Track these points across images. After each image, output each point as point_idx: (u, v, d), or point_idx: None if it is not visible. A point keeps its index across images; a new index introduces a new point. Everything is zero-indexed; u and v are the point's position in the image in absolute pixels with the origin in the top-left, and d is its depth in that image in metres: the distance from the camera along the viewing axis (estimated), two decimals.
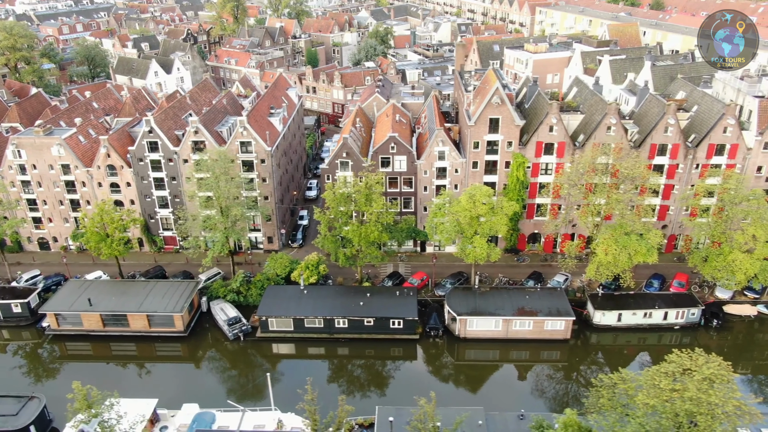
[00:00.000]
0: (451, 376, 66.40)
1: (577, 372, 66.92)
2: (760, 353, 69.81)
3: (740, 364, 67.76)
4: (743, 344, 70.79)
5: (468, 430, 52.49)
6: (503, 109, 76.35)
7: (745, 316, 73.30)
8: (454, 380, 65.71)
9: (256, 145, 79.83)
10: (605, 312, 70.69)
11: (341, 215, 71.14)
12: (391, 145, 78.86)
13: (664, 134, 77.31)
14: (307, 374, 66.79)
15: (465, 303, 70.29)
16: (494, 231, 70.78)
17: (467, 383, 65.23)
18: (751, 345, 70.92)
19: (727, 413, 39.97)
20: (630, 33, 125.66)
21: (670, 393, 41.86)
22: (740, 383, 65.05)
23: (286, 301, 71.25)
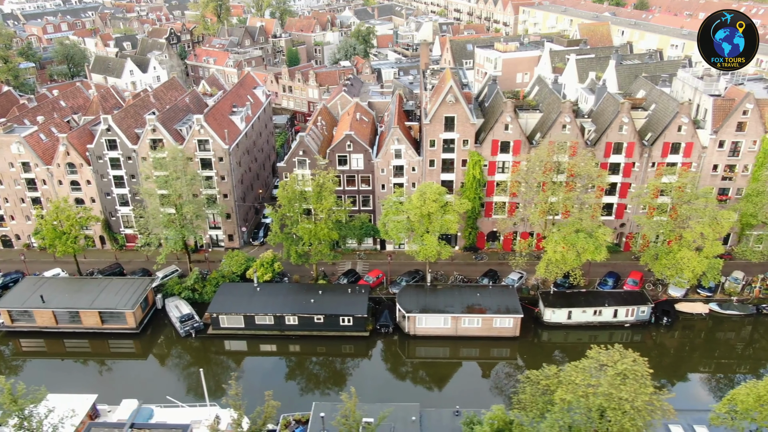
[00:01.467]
0: (397, 373, 66.72)
1: (524, 369, 67.04)
2: (706, 351, 70.10)
3: (686, 362, 68.21)
4: (691, 342, 71.05)
5: (401, 426, 52.88)
6: (458, 107, 76.62)
7: (696, 314, 73.50)
8: (398, 377, 66.03)
9: (213, 143, 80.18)
10: (555, 310, 70.96)
11: (293, 213, 71.43)
12: (348, 143, 79.16)
13: (619, 133, 77.54)
14: (257, 371, 67.88)
15: (416, 300, 70.57)
16: (445, 229, 71.06)
17: (411, 380, 65.55)
18: (698, 343, 71.16)
19: (636, 408, 40.15)
20: (601, 32, 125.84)
21: (585, 388, 42.10)
22: (681, 380, 65.63)
23: (238, 299, 71.59)
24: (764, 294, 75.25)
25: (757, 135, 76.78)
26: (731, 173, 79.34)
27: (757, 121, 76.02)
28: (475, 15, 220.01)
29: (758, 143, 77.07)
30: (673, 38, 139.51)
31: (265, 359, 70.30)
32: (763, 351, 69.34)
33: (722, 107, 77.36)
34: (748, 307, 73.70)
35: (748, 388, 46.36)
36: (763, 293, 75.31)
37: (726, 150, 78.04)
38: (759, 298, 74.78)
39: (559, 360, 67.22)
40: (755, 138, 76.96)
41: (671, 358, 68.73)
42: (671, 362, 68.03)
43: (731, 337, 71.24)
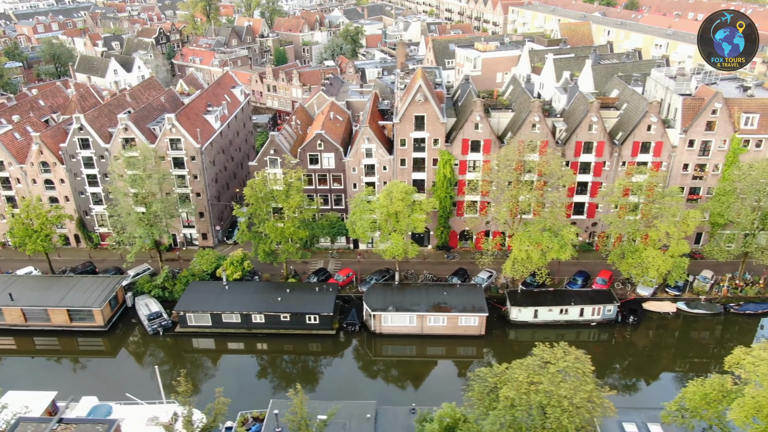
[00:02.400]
0: (360, 371, 67.03)
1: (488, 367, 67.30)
2: (670, 349, 70.21)
3: (649, 360, 68.32)
4: (656, 341, 71.14)
5: (355, 424, 53.14)
6: (427, 106, 76.83)
7: (664, 313, 73.61)
8: (362, 375, 66.32)
9: (185, 142, 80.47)
10: (521, 308, 71.14)
11: (261, 211, 71.67)
12: (318, 142, 79.42)
13: (589, 132, 77.69)
14: (223, 369, 68.23)
15: (382, 299, 70.80)
16: (412, 228, 71.29)
17: (374, 378, 65.84)
18: (663, 341, 71.24)
19: (575, 405, 40.34)
20: (582, 32, 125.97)
21: (528, 386, 42.33)
22: (642, 378, 65.77)
23: (206, 297, 71.92)
24: (732, 293, 75.33)
25: (727, 134, 76.86)
26: (702, 172, 79.47)
27: (726, 120, 76.10)
28: (465, 15, 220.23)
29: (728, 143, 77.21)
30: (657, 38, 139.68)
31: (231, 357, 70.62)
32: (725, 350, 69.11)
33: (691, 106, 77.47)
34: (716, 306, 73.82)
35: (696, 386, 46.52)
36: (732, 292, 75.39)
37: (696, 149, 78.14)
38: (727, 297, 74.85)
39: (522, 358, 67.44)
40: (725, 137, 77.05)
41: (635, 357, 68.92)
42: (635, 360, 68.28)
43: (696, 336, 71.42)
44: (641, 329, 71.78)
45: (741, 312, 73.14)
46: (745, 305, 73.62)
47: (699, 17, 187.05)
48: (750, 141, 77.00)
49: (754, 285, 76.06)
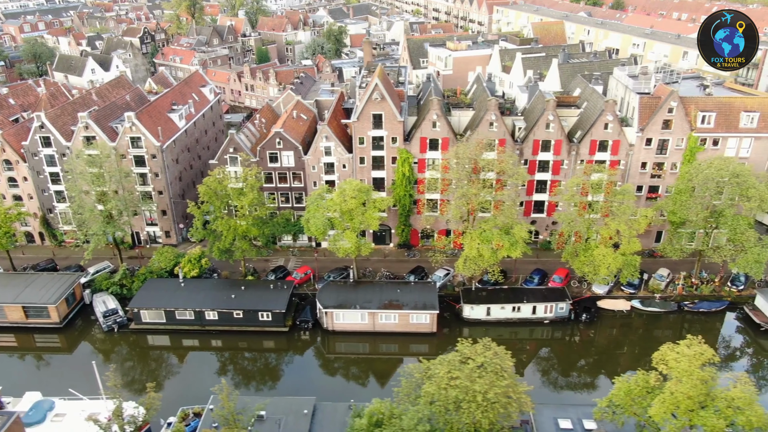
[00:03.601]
0: (309, 368, 67.28)
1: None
2: (617, 347, 70.37)
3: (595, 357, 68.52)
4: (605, 338, 71.28)
5: (292, 419, 53.48)
6: (384, 104, 77.13)
7: (618, 311, 73.77)
8: (310, 372, 66.56)
9: (145, 141, 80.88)
10: (474, 306, 71.37)
11: (215, 209, 72.02)
12: (277, 140, 79.77)
13: (547, 130, 77.88)
14: (175, 365, 68.54)
15: (335, 296, 71.11)
16: (366, 225, 71.55)
17: (322, 375, 66.12)
18: (612, 339, 71.37)
19: (489, 400, 40.62)
20: (555, 31, 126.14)
21: (448, 381, 42.64)
22: (585, 375, 65.93)
23: (161, 294, 72.33)
24: (688, 291, 75.45)
25: (684, 133, 76.99)
26: (660, 171, 79.60)
27: (683, 119, 76.24)
28: (452, 15, 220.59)
29: (685, 141, 77.34)
30: (635, 37, 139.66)
31: (184, 353, 70.94)
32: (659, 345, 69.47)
33: (648, 105, 77.62)
34: (670, 304, 73.96)
35: (621, 382, 46.81)
36: (687, 290, 75.51)
37: (653, 148, 78.30)
38: (682, 296, 74.98)
39: None
40: (682, 136, 77.19)
41: (583, 354, 69.29)
42: (582, 358, 68.66)
43: (647, 334, 71.44)
44: (594, 327, 71.95)
45: (695, 310, 73.26)
46: (699, 303, 73.76)
47: (683, 17, 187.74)
48: (707, 139, 77.17)
49: (710, 283, 76.17)
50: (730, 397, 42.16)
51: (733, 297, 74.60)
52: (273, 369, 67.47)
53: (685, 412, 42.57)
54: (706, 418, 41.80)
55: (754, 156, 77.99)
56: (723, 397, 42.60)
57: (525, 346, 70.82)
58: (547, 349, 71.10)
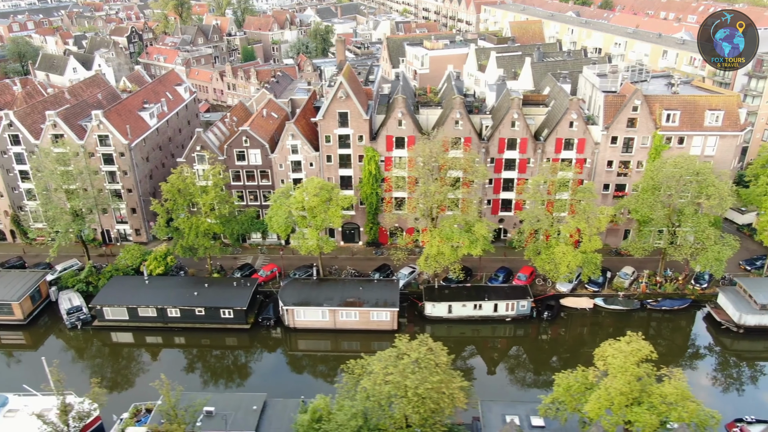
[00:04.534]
0: (268, 364, 67.73)
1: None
2: (576, 344, 70.34)
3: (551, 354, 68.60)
4: (564, 336, 71.34)
5: (242, 415, 53.74)
6: (349, 103, 77.33)
7: (581, 309, 73.89)
8: (269, 369, 66.97)
9: (113, 139, 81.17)
10: (435, 303, 71.53)
11: (178, 206, 72.26)
12: (244, 138, 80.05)
13: (512, 128, 78.01)
14: (134, 361, 68.88)
15: (297, 294, 71.37)
16: (328, 223, 71.74)
17: (277, 371, 66.33)
18: (571, 337, 71.39)
19: (419, 395, 40.78)
20: (533, 30, 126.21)
21: (383, 377, 42.82)
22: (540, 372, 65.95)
23: (125, 291, 72.63)
24: (652, 289, 75.53)
25: (648, 131, 77.11)
26: (626, 169, 79.68)
27: (647, 117, 76.35)
28: (441, 14, 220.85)
29: (650, 139, 77.42)
30: (617, 36, 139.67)
31: (146, 350, 71.09)
32: None
33: (613, 103, 77.75)
34: (633, 302, 74.07)
35: (561, 378, 46.95)
36: (651, 288, 75.59)
37: (619, 146, 78.41)
38: (646, 294, 75.06)
39: None
40: (646, 134, 77.29)
41: (541, 351, 69.45)
42: (539, 355, 68.81)
43: (606, 332, 71.23)
44: (555, 325, 72.07)
45: (657, 308, 73.35)
46: (662, 301, 73.85)
47: (670, 17, 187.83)
48: (672, 138, 77.25)
49: (674, 282, 76.24)
50: (663, 393, 42.30)
51: (696, 295, 74.67)
52: (231, 366, 67.73)
53: (620, 408, 42.71)
54: (640, 414, 41.98)
55: (720, 154, 78.05)
56: (658, 393, 42.76)
57: (486, 344, 70.97)
58: (505, 347, 71.15)
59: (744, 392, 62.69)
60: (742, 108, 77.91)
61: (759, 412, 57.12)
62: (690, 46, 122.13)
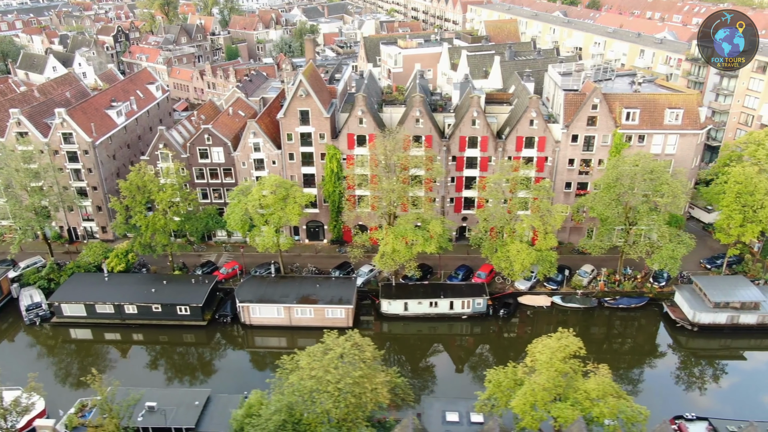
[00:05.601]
0: (218, 360, 68.12)
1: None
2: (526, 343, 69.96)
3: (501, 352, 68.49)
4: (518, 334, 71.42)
5: (183, 410, 54.13)
6: (310, 101, 77.57)
7: (538, 307, 74.00)
8: (218, 365, 67.38)
9: (77, 137, 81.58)
10: (391, 301, 71.73)
11: (135, 204, 72.55)
12: (206, 136, 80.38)
13: (472, 127, 78.14)
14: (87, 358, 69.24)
15: (254, 291, 71.65)
16: (285, 221, 71.95)
17: (228, 367, 66.69)
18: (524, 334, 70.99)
19: (340, 389, 41.03)
20: (508, 29, 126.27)
21: (309, 371, 43.08)
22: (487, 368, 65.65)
23: (84, 288, 73.03)
24: (610, 288, 75.58)
25: (609, 129, 77.15)
26: (587, 167, 79.75)
27: (607, 115, 76.40)
28: (429, 13, 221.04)
29: (610, 138, 77.48)
30: (597, 36, 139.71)
31: (102, 347, 71.49)
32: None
33: (573, 102, 77.83)
34: (591, 300, 74.14)
35: (492, 375, 47.13)
36: (609, 287, 75.64)
37: (580, 144, 78.48)
38: (604, 292, 75.12)
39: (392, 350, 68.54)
40: (607, 132, 77.35)
41: (492, 349, 69.39)
42: (489, 352, 68.81)
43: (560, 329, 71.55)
44: (511, 323, 72.21)
45: (615, 306, 73.42)
46: (620, 299, 73.91)
47: (656, 16, 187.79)
48: (633, 136, 77.30)
49: (633, 280, 76.29)
50: (587, 388, 42.46)
51: (654, 293, 74.67)
52: (185, 362, 67.94)
53: (544, 404, 42.87)
54: (563, 409, 42.13)
55: (680, 153, 78.11)
56: (583, 389, 42.93)
57: (440, 341, 71.07)
58: (459, 344, 71.21)
59: (693, 390, 62.82)
60: (702, 106, 77.96)
61: (705, 410, 57.31)
62: (667, 45, 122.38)
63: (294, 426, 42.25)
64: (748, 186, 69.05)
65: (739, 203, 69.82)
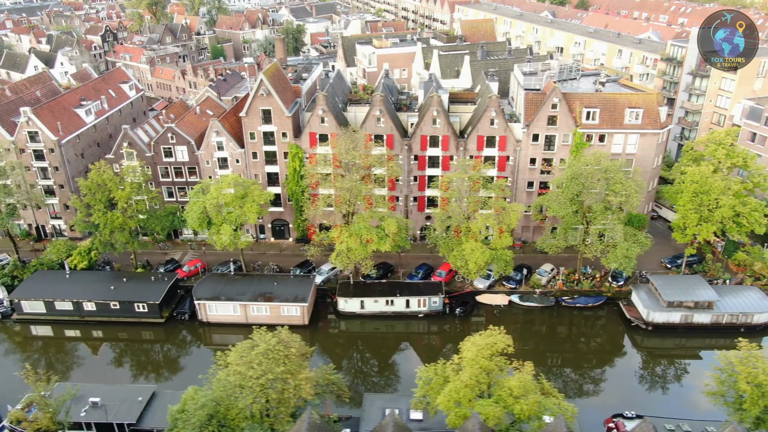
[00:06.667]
0: (172, 357, 68.79)
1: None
2: None
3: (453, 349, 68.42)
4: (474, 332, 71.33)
5: (126, 406, 54.66)
6: (271, 100, 78.01)
7: (495, 306, 74.21)
8: (171, 361, 67.92)
9: (42, 135, 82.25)
10: (347, 299, 72.08)
11: (95, 202, 73.10)
12: (170, 135, 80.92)
13: (433, 126, 78.41)
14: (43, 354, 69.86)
15: (212, 289, 72.12)
16: (243, 219, 72.38)
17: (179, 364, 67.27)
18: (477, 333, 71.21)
19: (261, 385, 41.43)
20: (484, 28, 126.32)
21: (236, 367, 43.49)
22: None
23: (45, 285, 73.67)
24: (569, 287, 75.71)
25: (569, 129, 77.30)
26: (549, 167, 79.89)
27: (567, 115, 76.54)
28: (419, 13, 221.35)
29: (571, 137, 77.62)
30: (577, 36, 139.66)
31: (60, 343, 72.12)
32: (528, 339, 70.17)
33: (533, 101, 78.04)
34: (548, 299, 74.31)
35: (422, 372, 47.39)
36: (568, 286, 75.77)
37: (541, 144, 78.65)
38: (562, 291, 75.26)
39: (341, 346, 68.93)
40: (567, 132, 77.49)
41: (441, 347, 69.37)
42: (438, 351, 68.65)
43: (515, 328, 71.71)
44: (467, 321, 72.39)
45: (572, 305, 73.56)
46: (578, 299, 74.08)
47: (644, 16, 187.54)
48: (593, 136, 77.41)
49: (592, 279, 76.40)
50: (510, 386, 42.70)
51: (612, 293, 74.76)
52: (138, 359, 68.59)
53: (468, 401, 43.12)
54: (485, 406, 42.36)
55: (641, 152, 78.17)
56: (508, 387, 43.16)
57: (393, 339, 71.47)
58: (412, 342, 71.28)
59: (642, 388, 62.80)
60: (662, 106, 77.99)
61: (650, 408, 57.42)
62: (645, 45, 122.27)
63: (219, 421, 42.65)
64: (704, 186, 69.06)
65: (694, 203, 69.84)
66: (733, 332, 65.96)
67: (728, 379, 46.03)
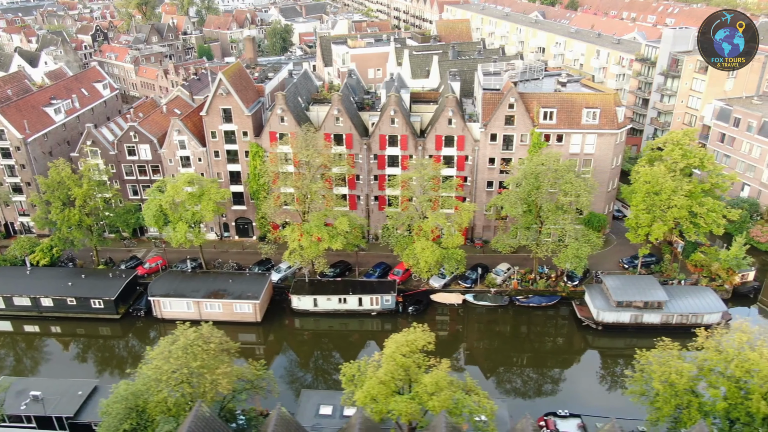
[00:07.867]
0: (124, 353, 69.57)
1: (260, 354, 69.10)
2: None
3: None
4: None
5: (66, 399, 55.46)
6: (231, 99, 78.73)
7: (449, 305, 74.52)
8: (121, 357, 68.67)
9: (8, 133, 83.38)
10: (301, 297, 72.64)
11: (55, 199, 74.08)
12: (132, 134, 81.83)
13: (392, 125, 78.86)
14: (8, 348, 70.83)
15: (167, 286, 72.91)
16: (199, 217, 73.17)
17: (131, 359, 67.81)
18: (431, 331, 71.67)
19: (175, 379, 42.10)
20: (460, 29, 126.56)
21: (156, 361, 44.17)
22: None
23: (3, 281, 74.77)
24: (524, 286, 75.89)
25: (526, 129, 77.52)
26: (508, 166, 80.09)
27: (524, 114, 76.78)
28: (410, 13, 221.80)
29: (528, 137, 77.82)
30: (558, 36, 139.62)
31: (17, 338, 73.11)
32: (479, 338, 70.46)
33: (491, 101, 78.30)
34: (503, 298, 74.50)
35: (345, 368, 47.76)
36: (524, 285, 75.96)
37: (499, 143, 78.90)
38: (517, 290, 75.46)
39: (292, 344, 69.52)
40: (524, 132, 77.71)
41: None
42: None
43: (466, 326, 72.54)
44: (419, 320, 72.00)
45: (526, 304, 73.74)
46: (531, 298, 74.24)
47: (632, 16, 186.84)
48: (551, 135, 77.58)
49: (547, 279, 76.54)
50: (425, 383, 43.06)
51: (567, 292, 74.88)
52: (90, 354, 69.80)
53: (385, 397, 43.52)
54: (399, 402, 42.76)
55: (599, 152, 78.28)
56: (424, 383, 43.51)
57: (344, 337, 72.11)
58: (361, 340, 71.82)
59: (584, 387, 62.79)
60: (620, 106, 77.99)
61: (589, 407, 57.53)
62: (622, 46, 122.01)
63: (139, 414, 43.33)
64: (655, 186, 69.08)
65: (647, 203, 69.88)
66: (684, 332, 65.81)
67: (647, 377, 46.21)
